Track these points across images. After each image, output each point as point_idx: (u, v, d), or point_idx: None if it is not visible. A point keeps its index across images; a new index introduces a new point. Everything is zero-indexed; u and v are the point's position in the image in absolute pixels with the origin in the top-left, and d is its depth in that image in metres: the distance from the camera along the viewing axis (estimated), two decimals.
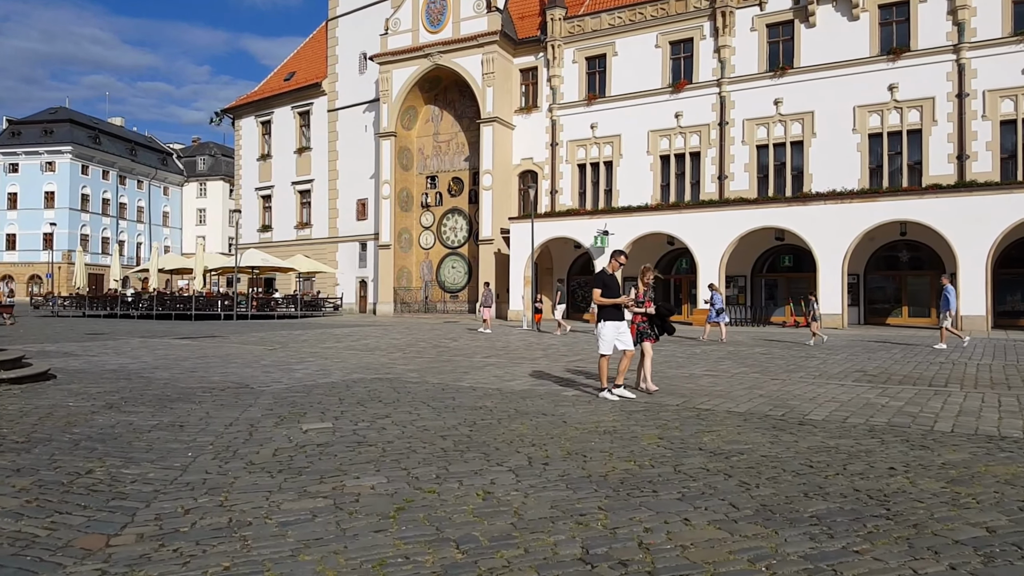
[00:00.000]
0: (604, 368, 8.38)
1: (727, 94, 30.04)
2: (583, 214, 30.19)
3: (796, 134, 28.77)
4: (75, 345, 16.24)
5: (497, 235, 33.84)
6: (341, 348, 15.95)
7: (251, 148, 46.51)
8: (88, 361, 12.34)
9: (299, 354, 14.31)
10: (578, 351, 14.91)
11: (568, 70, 33.74)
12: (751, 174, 29.63)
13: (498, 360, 12.97)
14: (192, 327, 25.49)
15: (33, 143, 66.76)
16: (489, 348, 16.03)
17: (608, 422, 6.57)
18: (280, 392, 8.41)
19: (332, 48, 42.15)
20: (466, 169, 37.13)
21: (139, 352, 14.38)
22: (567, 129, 33.75)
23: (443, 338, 19.41)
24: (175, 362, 12.36)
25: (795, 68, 28.72)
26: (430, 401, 7.81)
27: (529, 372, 10.90)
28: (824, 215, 25.21)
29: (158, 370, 10.89)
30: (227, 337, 19.75)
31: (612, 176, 32.64)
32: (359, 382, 9.51)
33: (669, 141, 31.31)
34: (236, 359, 13.05)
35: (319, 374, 10.43)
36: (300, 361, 12.71)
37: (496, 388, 8.93)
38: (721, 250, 26.70)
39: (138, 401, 7.56)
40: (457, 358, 13.35)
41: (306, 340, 18.53)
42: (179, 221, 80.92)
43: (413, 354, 14.33)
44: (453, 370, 11.09)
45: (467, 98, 36.59)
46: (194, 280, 35.33)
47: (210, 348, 15.70)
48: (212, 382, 9.33)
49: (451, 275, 37.63)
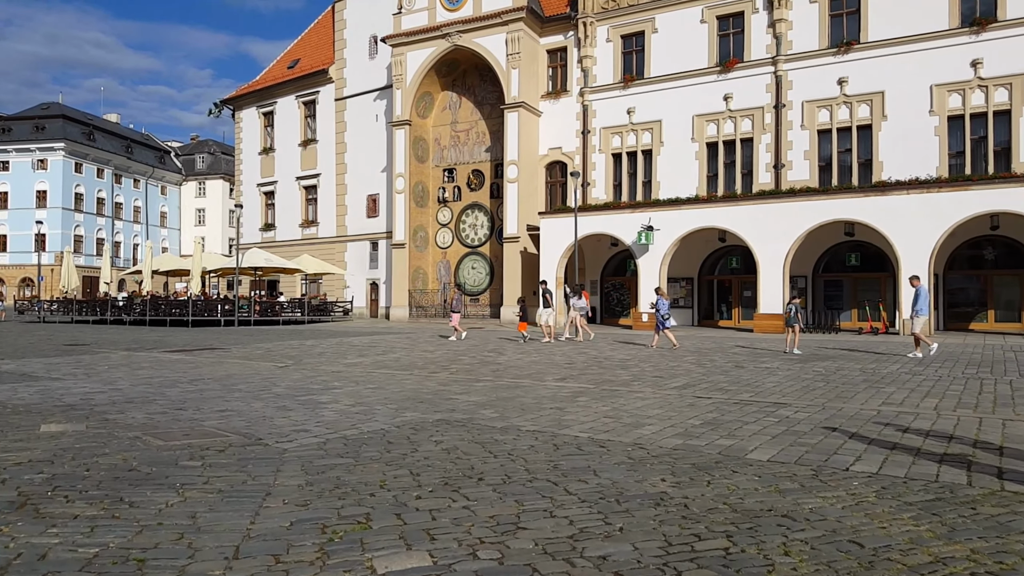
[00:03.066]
0: None
1: (783, 73, 26.99)
2: (623, 208, 27.12)
3: (863, 117, 25.72)
4: (41, 362, 13.20)
5: (523, 232, 30.81)
6: (368, 365, 12.91)
7: (252, 141, 43.48)
8: (44, 389, 9.29)
9: (319, 375, 11.27)
10: (646, 363, 11.91)
11: (602, 50, 30.70)
12: (811, 162, 26.59)
13: (580, 385, 9.93)
14: (188, 336, 22.46)
15: (24, 140, 63.73)
16: (549, 364, 12.99)
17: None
18: (311, 456, 5.36)
19: (340, 32, 39.13)
20: (487, 161, 34.10)
21: (116, 374, 11.33)
22: (600, 115, 30.71)
23: (483, 350, 16.36)
24: (159, 390, 9.31)
25: (862, 43, 25.67)
26: (557, 476, 4.77)
27: (645, 406, 7.88)
28: (905, 207, 22.14)
29: (131, 407, 7.85)
30: (228, 349, 16.70)
31: (652, 166, 29.59)
32: (422, 429, 6.46)
33: (717, 126, 28.27)
34: (239, 384, 10.01)
35: (359, 415, 7.38)
36: (324, 387, 9.67)
37: (635, 444, 5.92)
38: (785, 247, 23.63)
39: (78, 483, 4.49)
40: (523, 381, 10.31)
41: (322, 353, 15.48)
42: (177, 221, 77.91)
43: (463, 374, 11.28)
44: (537, 405, 8.05)
45: (488, 83, 33.58)
46: (191, 282, 32.31)
47: (207, 366, 12.66)
48: (205, 432, 6.27)
49: (471, 276, 34.59)
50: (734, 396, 8.71)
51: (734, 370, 11.76)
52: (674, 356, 14.25)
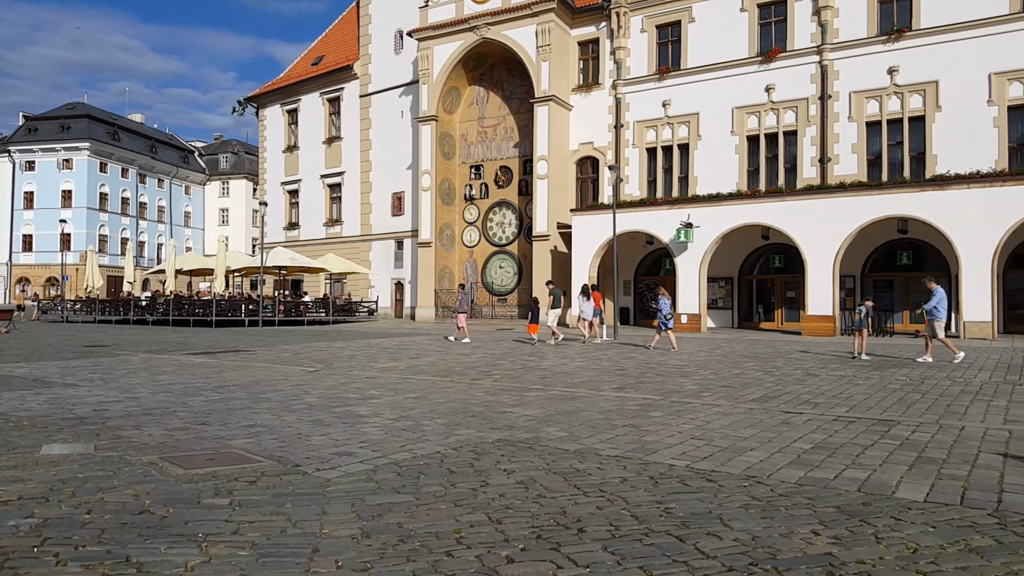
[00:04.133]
0: None
1: (829, 63, 25.72)
2: (660, 204, 26.00)
3: (915, 108, 24.38)
4: (58, 366, 12.42)
5: (554, 230, 29.79)
6: (403, 370, 11.97)
7: (276, 139, 42.88)
8: (54, 398, 8.45)
9: (352, 381, 10.35)
10: (705, 369, 10.83)
11: (636, 41, 29.58)
12: (860, 156, 25.29)
13: (644, 396, 8.91)
14: (211, 336, 21.72)
15: (50, 139, 63.79)
16: (599, 371, 11.97)
17: None
18: (360, 491, 4.39)
19: (365, 27, 38.35)
20: (515, 157, 33.12)
21: (134, 379, 10.49)
22: (634, 108, 29.60)
23: (522, 354, 15.38)
24: (180, 399, 8.43)
25: (914, 30, 24.34)
26: (675, 526, 3.77)
27: (732, 424, 6.86)
28: (964, 202, 20.82)
29: (149, 420, 6.96)
30: (253, 352, 15.87)
31: (688, 161, 28.42)
32: (484, 453, 5.49)
33: (758, 119, 27.05)
34: (268, 393, 9.11)
35: (406, 432, 6.42)
36: (361, 396, 8.73)
37: (748, 476, 4.91)
38: (835, 245, 22.38)
39: (75, 533, 3.55)
40: (578, 391, 9.31)
41: (352, 357, 14.59)
42: (201, 221, 77.78)
43: (509, 382, 10.31)
44: (606, 421, 7.05)
45: (516, 77, 32.60)
46: (215, 282, 31.67)
47: (231, 371, 11.79)
48: (233, 454, 5.34)
49: (499, 276, 33.63)
50: (827, 411, 7.64)
51: (808, 378, 10.66)
52: (735, 363, 13.16)
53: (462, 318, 20.08)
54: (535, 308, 19.65)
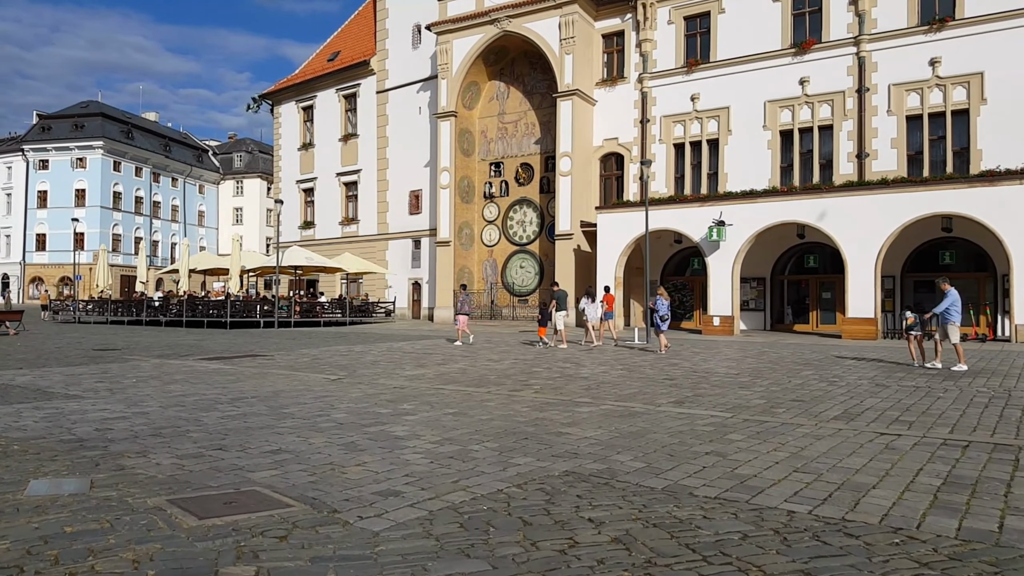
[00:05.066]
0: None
1: (867, 54, 24.61)
2: (690, 201, 24.96)
3: (959, 101, 23.24)
4: (62, 373, 11.61)
5: (577, 229, 28.84)
6: (433, 379, 11.07)
7: (291, 136, 42.15)
8: (54, 414, 7.60)
9: (380, 391, 9.46)
10: (762, 379, 9.84)
11: (663, 33, 28.57)
12: (899, 151, 24.17)
13: (711, 412, 7.97)
14: (226, 339, 20.93)
15: (63, 138, 63.46)
16: (644, 380, 11.02)
17: None
18: (419, 554, 3.48)
19: (382, 21, 37.53)
20: (536, 153, 32.18)
21: (144, 390, 9.65)
22: (661, 102, 28.59)
23: (555, 361, 14.45)
24: (193, 415, 7.57)
25: (957, 20, 23.20)
26: None
27: (832, 451, 5.92)
28: (1016, 198, 19.70)
29: (157, 443, 6.09)
30: (271, 356, 15.03)
31: (718, 156, 27.38)
32: (556, 493, 4.56)
33: (792, 113, 25.97)
34: (290, 406, 8.24)
35: (456, 460, 5.50)
36: (393, 412, 7.83)
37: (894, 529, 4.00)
38: (876, 243, 21.29)
39: None
40: (633, 405, 8.38)
41: (375, 362, 13.70)
42: (215, 220, 77.34)
43: (552, 394, 9.38)
44: (682, 446, 6.12)
45: (538, 71, 31.68)
46: (230, 282, 30.94)
47: (248, 379, 10.93)
48: (257, 495, 4.44)
49: (519, 276, 32.70)
50: (927, 432, 6.67)
51: (879, 390, 9.67)
52: (790, 371, 12.17)
53: (462, 320, 19.35)
54: (545, 310, 18.81)
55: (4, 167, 66.34)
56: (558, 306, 18.80)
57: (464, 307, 19.70)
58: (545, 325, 18.53)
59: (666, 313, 16.28)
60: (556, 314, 18.66)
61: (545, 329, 18.49)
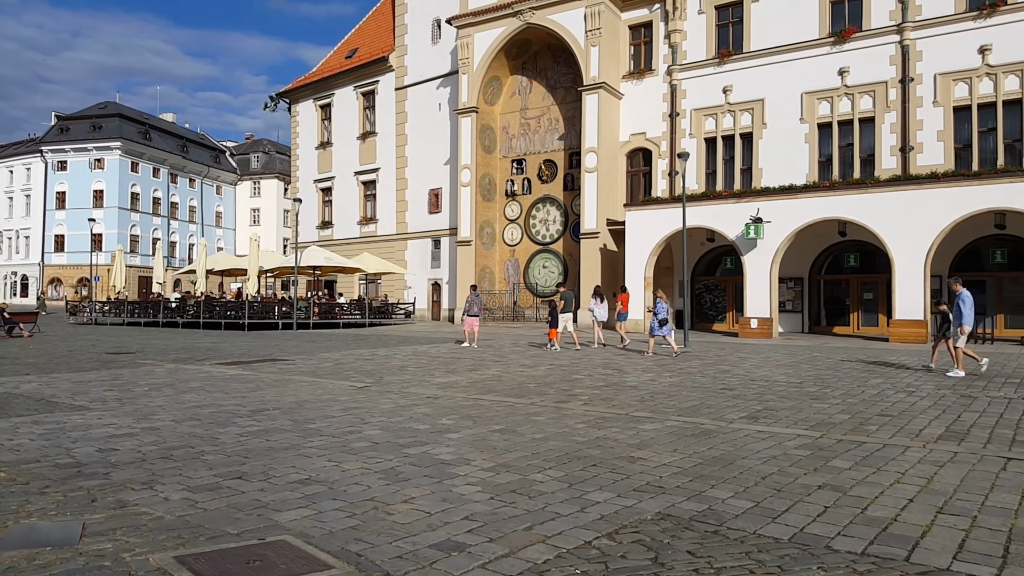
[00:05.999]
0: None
1: (911, 43, 23.44)
2: (724, 197, 23.88)
3: (1011, 91, 22.03)
4: (70, 380, 10.83)
5: (603, 227, 27.85)
6: (467, 387, 10.18)
7: (309, 135, 41.47)
8: (55, 430, 6.78)
9: (413, 402, 8.56)
10: (830, 389, 8.84)
11: (693, 23, 27.52)
12: (946, 144, 22.99)
13: (793, 431, 7.03)
14: (244, 342, 20.17)
15: (82, 139, 63.29)
16: (698, 388, 10.07)
17: None
18: None
19: (401, 16, 36.73)
20: (560, 149, 31.23)
21: (156, 400, 8.82)
22: (691, 95, 27.54)
23: (594, 367, 13.51)
24: (209, 432, 6.72)
25: (1009, 4, 22.00)
26: None
27: (969, 483, 4.96)
28: None
29: (167, 470, 5.23)
30: (291, 360, 14.21)
31: (752, 151, 26.30)
32: (661, 549, 3.64)
33: (830, 105, 24.84)
34: (316, 420, 7.37)
35: (519, 496, 4.59)
36: (433, 428, 6.93)
37: None
38: (926, 241, 20.13)
39: None
40: (703, 422, 7.43)
41: (402, 368, 12.83)
42: (232, 221, 77.02)
43: (603, 406, 8.45)
44: (783, 476, 5.18)
45: (562, 64, 30.74)
46: (248, 282, 30.25)
47: (269, 387, 10.09)
48: (286, 547, 3.56)
49: (542, 276, 31.76)
50: None
51: (967, 401, 8.66)
52: (856, 380, 11.15)
53: (470, 322, 18.57)
54: (554, 311, 17.92)
55: (23, 168, 66.35)
56: (564, 307, 18.00)
57: (473, 308, 18.92)
58: (555, 327, 17.72)
59: (665, 316, 15.79)
60: (562, 316, 17.86)
61: (555, 331, 17.69)
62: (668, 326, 15.72)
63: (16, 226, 66.57)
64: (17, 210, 66.70)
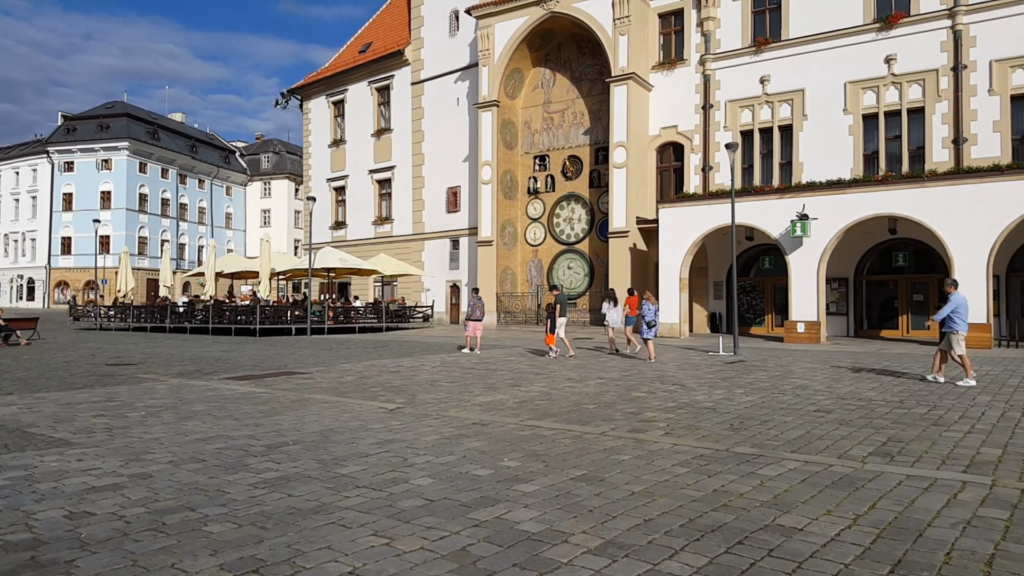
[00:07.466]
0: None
1: (963, 28, 21.88)
2: (765, 193, 22.37)
3: None
4: (56, 401, 9.47)
5: (633, 226, 26.41)
6: (515, 409, 8.76)
7: (321, 133, 40.18)
8: (18, 481, 5.41)
9: (459, 432, 7.14)
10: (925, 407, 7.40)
11: (727, 9, 26.03)
12: (1003, 135, 21.43)
13: (956, 476, 5.62)
14: (256, 349, 18.82)
15: (89, 139, 62.29)
16: (785, 410, 8.61)
17: None
18: None
19: (416, 8, 35.38)
20: (586, 145, 29.81)
21: (153, 430, 7.43)
22: (725, 86, 26.05)
23: (653, 381, 12.05)
24: (214, 481, 5.32)
25: None
26: None
27: None
28: None
29: (152, 553, 3.89)
30: (309, 373, 12.82)
31: (792, 144, 24.80)
32: None
33: (876, 95, 23.30)
34: (348, 460, 5.97)
35: None
36: (498, 476, 5.50)
37: None
38: (989, 240, 18.57)
39: None
40: (831, 463, 6.00)
41: (434, 382, 11.41)
42: (242, 222, 75.93)
43: (689, 437, 7.01)
44: (1009, 562, 3.69)
45: (587, 55, 29.34)
46: (259, 285, 28.94)
47: (287, 409, 8.70)
48: None
49: (567, 277, 30.33)
50: None
51: None
52: (966, 397, 9.65)
53: (473, 326, 17.34)
54: (552, 316, 16.47)
55: (29, 170, 65.46)
56: (561, 311, 16.57)
57: (476, 312, 17.59)
58: (552, 333, 16.32)
59: (653, 319, 15.57)
60: (558, 320, 16.46)
61: (552, 337, 16.28)
62: (655, 329, 15.58)
63: (22, 228, 65.68)
64: (23, 212, 65.81)
